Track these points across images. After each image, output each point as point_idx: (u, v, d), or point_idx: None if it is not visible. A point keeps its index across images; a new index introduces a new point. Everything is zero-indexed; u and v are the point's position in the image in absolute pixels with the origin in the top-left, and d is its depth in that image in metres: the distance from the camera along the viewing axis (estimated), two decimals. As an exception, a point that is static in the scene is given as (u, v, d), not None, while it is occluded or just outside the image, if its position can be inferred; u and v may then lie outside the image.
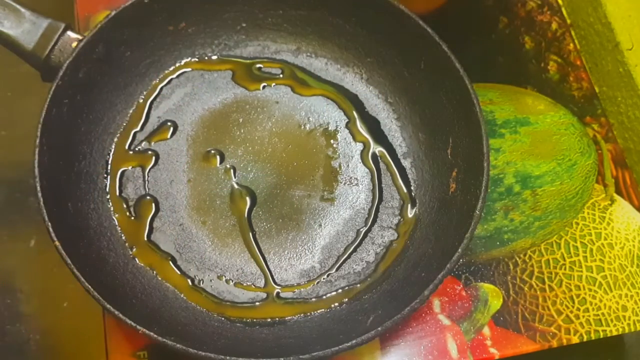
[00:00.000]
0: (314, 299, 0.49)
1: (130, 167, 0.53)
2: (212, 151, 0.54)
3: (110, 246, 0.49)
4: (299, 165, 0.54)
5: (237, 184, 0.53)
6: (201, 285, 0.49)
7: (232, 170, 0.53)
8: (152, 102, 0.55)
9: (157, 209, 0.52)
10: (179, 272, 0.50)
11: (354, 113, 0.55)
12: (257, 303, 0.49)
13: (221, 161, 0.53)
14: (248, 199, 0.52)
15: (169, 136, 0.54)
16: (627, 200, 0.56)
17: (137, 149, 0.53)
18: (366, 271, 0.50)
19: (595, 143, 0.58)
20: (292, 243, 0.51)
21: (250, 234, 0.51)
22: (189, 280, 0.49)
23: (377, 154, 0.54)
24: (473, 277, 0.52)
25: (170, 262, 0.50)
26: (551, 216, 0.54)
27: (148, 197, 0.52)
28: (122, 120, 0.54)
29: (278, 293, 0.50)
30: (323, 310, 0.49)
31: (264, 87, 0.56)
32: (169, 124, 0.54)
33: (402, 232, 0.52)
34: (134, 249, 0.50)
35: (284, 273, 0.50)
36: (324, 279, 0.50)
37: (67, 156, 0.50)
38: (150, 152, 0.53)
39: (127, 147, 0.53)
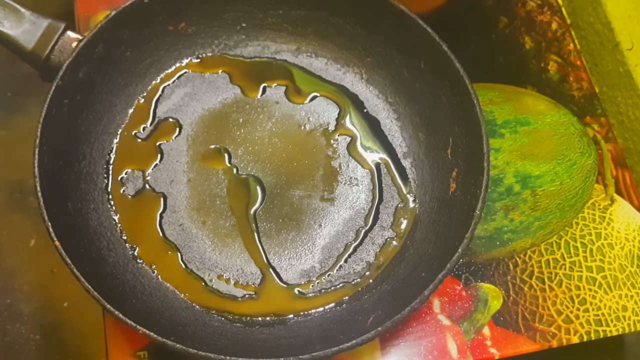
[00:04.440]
0: (314, 299, 0.49)
1: (130, 167, 0.53)
2: (215, 146, 0.54)
3: (110, 246, 0.50)
4: (299, 165, 0.54)
5: (247, 174, 0.53)
6: (202, 284, 0.49)
7: (234, 169, 0.53)
8: (155, 102, 0.55)
9: (159, 208, 0.52)
10: (184, 269, 0.50)
11: (354, 113, 0.55)
12: (257, 302, 0.49)
13: (229, 158, 0.53)
14: (259, 189, 0.52)
15: (169, 136, 0.54)
16: (627, 200, 0.56)
17: (137, 149, 0.53)
18: (366, 271, 0.50)
19: (595, 143, 0.58)
20: (292, 243, 0.51)
21: (255, 227, 0.51)
22: (190, 278, 0.50)
23: (377, 154, 0.54)
24: (473, 277, 0.52)
25: (179, 259, 0.50)
26: (551, 216, 0.54)
27: (149, 196, 0.52)
28: (122, 120, 0.54)
29: (278, 292, 0.50)
30: (323, 310, 0.49)
31: (263, 87, 0.56)
32: (170, 121, 0.54)
33: (402, 232, 0.52)
34: (137, 249, 0.50)
35: (284, 273, 0.50)
36: (324, 279, 0.50)
37: (67, 156, 0.50)
38: (150, 152, 0.53)
39: (127, 147, 0.53)
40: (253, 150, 0.54)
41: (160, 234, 0.51)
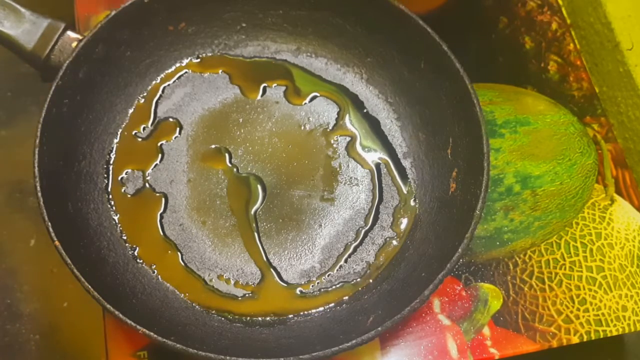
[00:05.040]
0: (314, 299, 0.49)
1: (130, 167, 0.53)
2: (215, 146, 0.54)
3: (110, 246, 0.50)
4: (299, 165, 0.54)
5: (248, 174, 0.53)
6: (202, 284, 0.49)
7: (234, 169, 0.53)
8: (155, 102, 0.55)
9: (159, 208, 0.52)
10: (184, 268, 0.50)
11: (354, 113, 0.55)
12: (257, 301, 0.49)
13: (229, 158, 0.53)
14: (259, 188, 0.52)
15: (169, 136, 0.54)
16: (627, 200, 0.56)
17: (137, 149, 0.53)
18: (366, 271, 0.50)
19: (595, 143, 0.58)
20: (292, 243, 0.51)
21: (255, 227, 0.51)
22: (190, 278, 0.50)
23: (377, 154, 0.54)
24: (473, 277, 0.52)
25: (179, 258, 0.50)
26: (551, 216, 0.54)
27: (149, 196, 0.52)
28: (122, 120, 0.54)
29: (278, 292, 0.50)
30: (323, 310, 0.49)
31: (263, 87, 0.56)
32: (170, 121, 0.54)
33: (402, 232, 0.52)
34: (137, 249, 0.50)
35: (284, 273, 0.50)
36: (324, 278, 0.50)
37: (67, 156, 0.50)
38: (150, 152, 0.53)
39: (127, 147, 0.53)
40: (253, 150, 0.54)
41: (161, 234, 0.51)
